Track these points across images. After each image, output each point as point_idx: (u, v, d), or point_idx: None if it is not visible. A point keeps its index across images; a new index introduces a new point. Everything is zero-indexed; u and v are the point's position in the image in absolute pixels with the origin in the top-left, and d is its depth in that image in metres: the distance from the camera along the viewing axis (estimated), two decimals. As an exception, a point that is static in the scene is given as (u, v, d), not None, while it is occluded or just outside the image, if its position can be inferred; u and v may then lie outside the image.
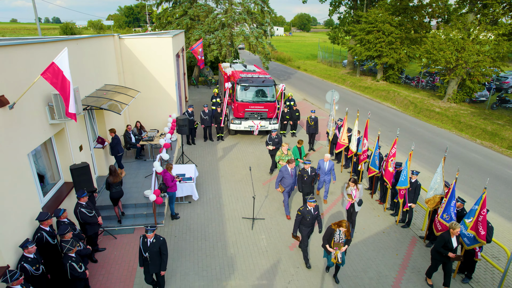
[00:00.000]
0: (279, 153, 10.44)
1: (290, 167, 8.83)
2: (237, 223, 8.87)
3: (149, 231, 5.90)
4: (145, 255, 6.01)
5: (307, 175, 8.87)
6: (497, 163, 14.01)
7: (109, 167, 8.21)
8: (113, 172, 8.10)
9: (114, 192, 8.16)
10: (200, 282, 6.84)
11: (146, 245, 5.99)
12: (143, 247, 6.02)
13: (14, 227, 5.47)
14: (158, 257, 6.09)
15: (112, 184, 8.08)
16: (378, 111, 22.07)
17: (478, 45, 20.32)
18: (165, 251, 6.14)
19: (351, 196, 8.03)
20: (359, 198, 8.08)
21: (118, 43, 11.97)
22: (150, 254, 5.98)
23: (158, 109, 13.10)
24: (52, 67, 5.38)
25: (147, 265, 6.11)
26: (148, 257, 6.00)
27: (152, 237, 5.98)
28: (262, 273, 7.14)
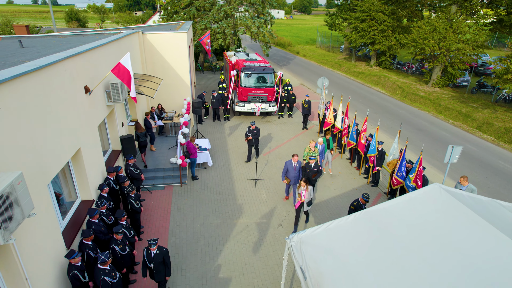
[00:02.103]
0: (307, 150, 10.80)
1: (294, 161, 9.70)
2: (243, 183, 11.46)
3: (152, 245, 6.20)
4: (149, 266, 6.36)
5: (310, 169, 9.94)
6: (461, 139, 16.48)
7: (135, 123, 10.91)
8: (137, 125, 10.89)
9: (141, 141, 10.95)
10: (217, 220, 9.47)
11: (150, 256, 6.28)
12: (147, 259, 6.29)
13: (99, 166, 8.03)
14: (163, 267, 6.41)
15: (139, 134, 10.83)
16: (367, 95, 24.39)
17: (459, 34, 22.38)
18: (168, 261, 6.43)
19: (301, 196, 8.52)
20: (309, 199, 8.63)
21: (142, 37, 14.23)
22: (155, 264, 6.29)
23: (175, 93, 15.46)
24: (119, 65, 7.79)
25: (151, 274, 6.49)
26: (153, 267, 6.33)
27: (156, 249, 6.28)
28: (262, 215, 9.77)
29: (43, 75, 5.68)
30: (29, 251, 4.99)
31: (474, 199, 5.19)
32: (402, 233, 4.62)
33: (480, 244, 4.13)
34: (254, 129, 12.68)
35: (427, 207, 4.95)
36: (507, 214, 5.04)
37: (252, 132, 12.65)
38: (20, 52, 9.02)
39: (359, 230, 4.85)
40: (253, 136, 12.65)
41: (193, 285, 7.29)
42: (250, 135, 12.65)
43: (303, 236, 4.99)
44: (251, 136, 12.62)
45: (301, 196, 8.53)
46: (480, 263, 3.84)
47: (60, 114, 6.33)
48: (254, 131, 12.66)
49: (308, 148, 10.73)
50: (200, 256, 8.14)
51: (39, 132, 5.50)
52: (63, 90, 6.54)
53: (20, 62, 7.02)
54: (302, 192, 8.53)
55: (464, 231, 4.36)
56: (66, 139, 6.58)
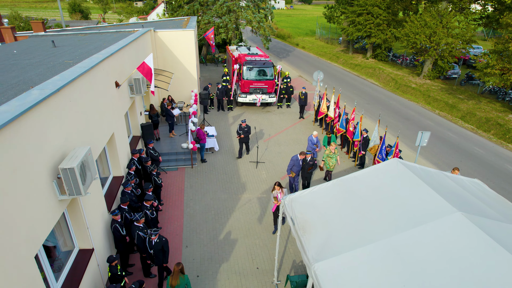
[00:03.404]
0: (327, 152, 11.41)
1: (301, 157, 10.69)
2: (246, 165, 13.11)
3: (153, 234, 7.04)
4: (150, 252, 7.22)
5: (306, 162, 10.89)
6: (444, 128, 18.06)
7: (150, 106, 12.74)
8: (152, 107, 12.74)
9: (153, 120, 12.86)
10: (224, 195, 11.15)
11: (151, 244, 7.12)
12: (149, 246, 7.15)
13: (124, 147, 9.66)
14: (161, 254, 7.16)
15: (152, 115, 12.71)
16: (361, 86, 25.87)
17: (448, 29, 23.71)
18: (166, 249, 7.15)
19: (276, 199, 8.84)
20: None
21: (153, 35, 15.69)
22: (155, 251, 7.10)
23: (183, 85, 16.97)
24: (143, 64, 9.34)
25: (151, 259, 7.42)
26: (153, 253, 7.19)
27: (156, 238, 7.07)
28: (262, 191, 11.44)
29: (90, 74, 7.24)
30: (87, 208, 6.67)
31: (424, 171, 6.80)
32: (366, 194, 6.25)
33: (419, 200, 5.74)
34: (245, 127, 13.13)
35: (386, 176, 6.55)
36: (447, 181, 6.67)
37: (243, 129, 13.08)
38: (56, 52, 10.53)
39: (335, 192, 6.48)
40: (244, 134, 13.08)
41: (207, 244, 9.01)
42: (242, 132, 13.08)
43: (294, 197, 6.64)
44: (243, 134, 13.06)
45: (277, 199, 8.83)
46: (414, 211, 5.47)
47: (100, 105, 7.93)
48: (245, 129, 13.10)
49: (329, 150, 11.39)
50: (211, 223, 9.84)
51: (90, 119, 7.12)
52: (102, 85, 8.12)
53: (64, 62, 8.58)
54: (277, 195, 8.83)
55: (409, 192, 5.97)
56: (105, 125, 8.20)
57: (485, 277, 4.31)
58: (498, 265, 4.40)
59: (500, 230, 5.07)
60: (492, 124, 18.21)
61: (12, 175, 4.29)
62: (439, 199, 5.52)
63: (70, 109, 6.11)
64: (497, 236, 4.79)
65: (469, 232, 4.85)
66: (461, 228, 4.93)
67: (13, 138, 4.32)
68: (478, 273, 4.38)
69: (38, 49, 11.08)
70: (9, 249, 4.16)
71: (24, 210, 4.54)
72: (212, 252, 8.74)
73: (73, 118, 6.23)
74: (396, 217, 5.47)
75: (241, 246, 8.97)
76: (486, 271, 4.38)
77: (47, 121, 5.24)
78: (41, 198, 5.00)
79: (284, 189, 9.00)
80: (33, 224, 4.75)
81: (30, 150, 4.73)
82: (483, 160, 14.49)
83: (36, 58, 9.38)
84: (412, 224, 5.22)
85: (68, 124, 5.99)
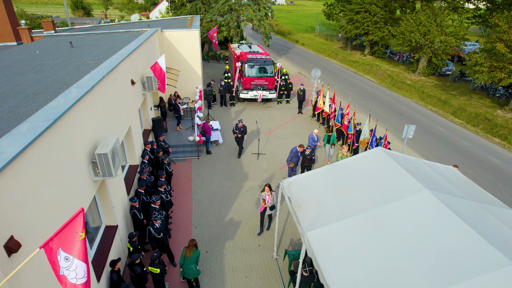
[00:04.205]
0: (340, 155, 11.98)
1: (300, 150, 11.57)
2: (248, 156, 14.17)
3: (158, 219, 7.90)
4: (159, 236, 7.95)
5: (304, 156, 11.81)
6: (434, 122, 19.09)
7: (159, 98, 13.84)
8: (161, 99, 14.02)
9: (162, 110, 14.09)
10: (229, 183, 12.21)
11: (157, 229, 7.96)
12: (156, 232, 7.91)
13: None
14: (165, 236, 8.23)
15: (161, 106, 13.88)
16: (358, 83, 26.84)
17: (442, 27, 24.62)
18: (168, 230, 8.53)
19: (264, 201, 9.20)
20: (272, 204, 9.25)
21: (160, 34, 16.65)
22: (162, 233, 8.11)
23: (188, 82, 17.96)
24: (156, 64, 10.35)
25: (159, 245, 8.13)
26: (162, 237, 8.09)
27: (159, 223, 7.95)
28: (263, 179, 12.50)
29: (113, 74, 8.26)
30: (112, 189, 7.73)
31: (404, 158, 7.84)
32: (352, 177, 7.29)
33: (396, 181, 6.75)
34: (241, 127, 13.50)
35: (370, 162, 7.58)
36: (423, 167, 7.72)
37: (240, 129, 13.47)
38: (75, 52, 11.50)
39: (326, 176, 7.52)
40: (240, 133, 13.51)
41: (214, 225, 10.09)
42: (238, 131, 13.48)
43: (291, 180, 7.70)
44: (239, 134, 13.46)
45: (265, 201, 9.17)
46: (391, 189, 6.52)
47: (120, 101, 8.96)
48: (242, 129, 13.48)
49: (341, 153, 12.00)
50: (217, 207, 10.92)
51: (113, 113, 8.16)
52: (121, 83, 9.14)
53: (87, 63, 9.59)
54: (265, 198, 9.18)
55: (388, 175, 7.00)
56: (124, 118, 9.24)
57: (444, 241, 5.35)
58: (454, 232, 5.45)
59: (461, 205, 6.13)
60: (481, 119, 19.23)
61: (65, 158, 5.34)
62: (412, 180, 6.57)
63: (99, 104, 7.15)
64: (457, 210, 5.84)
65: (434, 206, 5.90)
66: (428, 203, 5.99)
67: (64, 128, 5.37)
68: (438, 238, 5.43)
69: (58, 50, 12.05)
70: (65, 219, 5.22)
71: (73, 186, 5.60)
72: (219, 232, 9.83)
73: (101, 112, 7.27)
74: (376, 194, 6.52)
75: (244, 227, 10.05)
76: (444, 237, 5.43)
77: (85, 114, 6.28)
78: (83, 178, 6.06)
79: (273, 192, 9.32)
80: (78, 199, 5.82)
81: (75, 138, 5.78)
82: (468, 152, 15.54)
83: (59, 58, 10.37)
84: (388, 200, 6.27)
85: (98, 117, 7.03)
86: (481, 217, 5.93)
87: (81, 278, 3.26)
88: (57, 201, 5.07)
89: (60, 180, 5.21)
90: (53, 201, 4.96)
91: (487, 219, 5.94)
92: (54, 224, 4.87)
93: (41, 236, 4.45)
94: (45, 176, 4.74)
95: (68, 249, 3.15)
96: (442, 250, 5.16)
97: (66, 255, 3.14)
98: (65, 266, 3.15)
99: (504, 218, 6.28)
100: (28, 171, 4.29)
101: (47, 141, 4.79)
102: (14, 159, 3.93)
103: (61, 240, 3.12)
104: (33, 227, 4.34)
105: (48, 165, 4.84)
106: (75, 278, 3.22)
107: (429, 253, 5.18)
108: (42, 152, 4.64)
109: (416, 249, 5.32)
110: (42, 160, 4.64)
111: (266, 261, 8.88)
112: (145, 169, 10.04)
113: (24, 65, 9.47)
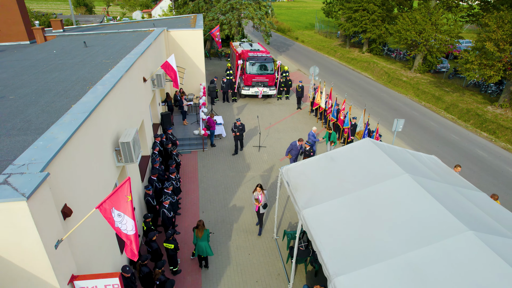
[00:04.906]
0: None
1: (299, 143, 12.43)
2: (249, 149, 15.14)
3: (167, 199, 8.97)
4: (170, 215, 9.10)
5: (302, 151, 12.65)
6: (427, 117, 20.03)
7: (166, 94, 14.77)
8: (167, 95, 14.97)
9: (168, 104, 15.13)
10: (232, 173, 13.20)
11: (169, 209, 9.04)
12: (168, 211, 9.00)
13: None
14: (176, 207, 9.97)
15: (168, 101, 15.21)
16: (356, 80, 27.74)
17: (437, 26, 25.46)
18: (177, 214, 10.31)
19: (257, 201, 9.61)
20: (264, 202, 9.68)
21: (166, 34, 17.55)
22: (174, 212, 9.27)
23: (192, 79, 18.88)
24: (166, 63, 11.29)
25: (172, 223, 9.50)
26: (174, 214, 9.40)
27: (168, 203, 9.07)
28: (264, 170, 13.48)
29: (129, 72, 9.20)
30: (130, 175, 8.71)
31: (390, 148, 8.80)
32: (342, 163, 8.25)
33: (379, 168, 7.71)
34: (240, 125, 14.01)
35: (360, 151, 8.54)
36: (407, 155, 8.68)
37: (238, 127, 13.97)
38: (90, 51, 12.40)
39: (320, 163, 8.49)
40: (238, 131, 14.06)
41: (219, 210, 11.08)
42: (236, 130, 14.03)
43: (289, 167, 8.68)
44: (238, 132, 14.01)
45: (258, 200, 9.62)
46: (375, 174, 7.49)
47: (135, 96, 9.91)
48: (240, 127, 14.00)
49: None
50: (222, 194, 11.91)
51: (130, 108, 9.11)
52: (134, 80, 10.07)
53: (103, 62, 10.52)
54: (258, 197, 9.59)
55: (373, 162, 7.95)
56: (138, 112, 10.19)
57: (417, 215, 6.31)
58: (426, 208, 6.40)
59: (434, 187, 7.10)
60: (471, 115, 20.17)
61: (97, 145, 6.32)
62: (394, 165, 7.55)
63: (119, 100, 8.11)
64: (430, 190, 6.80)
65: (411, 187, 6.87)
66: (406, 184, 6.96)
67: (96, 119, 6.33)
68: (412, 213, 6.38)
69: (73, 49, 12.95)
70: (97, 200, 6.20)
71: (103, 170, 6.58)
72: (224, 216, 10.83)
73: (121, 106, 8.22)
74: (363, 178, 7.51)
75: (247, 212, 11.04)
76: (418, 212, 6.38)
77: (109, 108, 7.24)
78: (109, 163, 7.04)
79: (265, 191, 9.75)
80: (106, 181, 6.80)
81: (102, 128, 6.74)
82: (457, 145, 16.51)
83: (76, 58, 11.29)
84: (373, 182, 7.25)
85: (119, 111, 7.99)
86: (451, 197, 6.91)
87: (130, 230, 4.23)
88: (93, 179, 6.06)
89: (95, 163, 6.19)
90: (91, 180, 5.95)
91: (457, 198, 6.92)
92: (93, 196, 5.88)
93: (84, 205, 5.45)
94: (85, 159, 5.72)
95: (119, 208, 4.11)
96: (415, 222, 6.14)
97: (118, 212, 4.09)
98: (118, 220, 4.11)
99: (473, 198, 7.27)
100: (75, 153, 5.27)
101: (85, 130, 5.76)
102: (66, 143, 4.90)
103: (113, 201, 4.07)
104: (78, 197, 5.33)
105: (86, 150, 5.81)
106: (126, 230, 4.20)
107: (404, 225, 6.16)
108: (82, 139, 5.62)
109: (394, 222, 6.30)
110: (82, 145, 5.62)
111: (267, 241, 9.88)
112: (156, 158, 11.02)
113: (46, 65, 10.39)
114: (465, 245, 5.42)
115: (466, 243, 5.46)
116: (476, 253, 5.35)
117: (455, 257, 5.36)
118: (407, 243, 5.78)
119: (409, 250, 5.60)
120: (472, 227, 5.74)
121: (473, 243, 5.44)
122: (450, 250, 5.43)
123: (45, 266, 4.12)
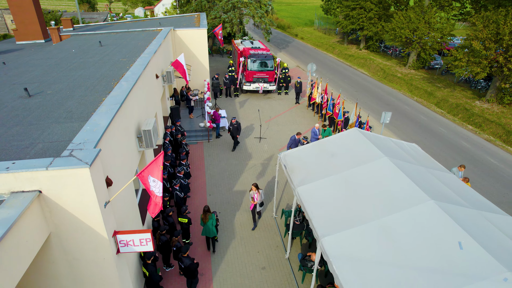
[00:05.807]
0: None
1: (298, 137, 13.31)
2: (251, 140, 16.42)
3: (178, 182, 10.19)
4: (181, 195, 10.25)
5: (301, 144, 13.25)
6: (418, 112, 21.27)
7: (174, 89, 15.95)
8: (175, 90, 16.07)
9: (176, 99, 16.26)
10: (235, 161, 14.49)
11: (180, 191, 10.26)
12: (180, 192, 10.15)
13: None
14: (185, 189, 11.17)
15: (175, 95, 16.21)
16: (352, 76, 28.93)
17: (430, 24, 26.58)
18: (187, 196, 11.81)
19: (253, 199, 10.16)
20: (261, 201, 10.28)
21: (173, 33, 18.73)
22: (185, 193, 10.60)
23: (197, 75, 20.09)
24: (176, 61, 12.52)
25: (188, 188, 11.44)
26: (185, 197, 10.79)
27: (178, 186, 10.23)
28: (264, 159, 14.77)
29: (146, 69, 10.43)
30: (148, 160, 10.00)
31: (375, 136, 10.06)
32: (332, 149, 9.53)
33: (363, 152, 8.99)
34: (235, 123, 14.62)
35: (347, 139, 9.80)
36: (389, 143, 9.96)
37: (233, 125, 14.64)
38: (106, 50, 13.60)
39: (313, 150, 9.77)
40: (233, 129, 14.63)
41: (224, 193, 12.39)
42: (231, 127, 14.66)
43: (287, 153, 9.97)
44: (232, 129, 14.63)
45: (254, 199, 10.14)
46: (359, 157, 8.77)
47: (150, 91, 11.16)
48: (235, 125, 14.62)
49: None
50: (226, 180, 13.20)
51: (147, 101, 10.37)
52: (148, 77, 11.30)
53: (121, 60, 11.75)
54: (254, 196, 10.18)
55: (358, 148, 9.22)
56: (153, 105, 11.45)
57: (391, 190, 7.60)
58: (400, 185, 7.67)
59: (410, 168, 8.38)
60: (460, 109, 21.40)
61: (126, 132, 7.59)
62: (376, 150, 8.82)
63: (139, 94, 9.36)
64: (406, 171, 8.08)
65: (389, 168, 8.15)
66: (384, 166, 8.24)
67: (124, 110, 7.60)
68: (388, 189, 7.66)
69: (90, 49, 14.16)
70: (126, 177, 7.48)
71: (129, 153, 7.86)
72: (229, 198, 12.14)
73: (141, 100, 9.48)
74: (348, 161, 8.79)
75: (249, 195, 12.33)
76: (393, 188, 7.67)
77: (133, 101, 8.50)
78: (133, 148, 8.32)
79: (261, 190, 10.36)
80: (131, 162, 8.08)
81: (129, 118, 8.01)
82: (443, 137, 17.77)
83: (95, 56, 12.52)
84: (357, 164, 8.54)
85: (139, 104, 9.25)
86: (422, 176, 8.20)
87: (159, 193, 5.54)
88: (123, 160, 7.35)
89: (124, 147, 7.48)
90: (122, 160, 7.24)
91: (427, 177, 8.21)
92: (123, 174, 7.17)
93: (118, 179, 6.74)
94: (118, 142, 7.00)
95: (154, 175, 5.38)
96: (389, 194, 7.43)
97: (153, 179, 5.37)
98: (153, 185, 5.39)
99: (442, 178, 8.56)
100: (112, 137, 6.55)
101: (118, 118, 7.02)
102: (107, 128, 6.17)
103: (150, 171, 5.34)
104: (114, 173, 6.62)
105: (119, 135, 7.09)
106: (158, 192, 5.50)
107: (379, 196, 7.45)
108: (117, 125, 6.89)
109: (372, 195, 7.59)
110: (117, 131, 6.90)
111: (267, 219, 11.20)
112: (168, 147, 12.30)
113: (69, 63, 11.62)
114: (427, 211, 6.72)
115: (427, 209, 6.75)
116: (435, 217, 6.64)
117: (419, 221, 6.66)
118: (381, 211, 7.07)
119: (383, 216, 6.90)
120: (434, 198, 7.03)
121: (433, 210, 6.73)
122: (415, 215, 6.73)
123: (98, 220, 5.42)
